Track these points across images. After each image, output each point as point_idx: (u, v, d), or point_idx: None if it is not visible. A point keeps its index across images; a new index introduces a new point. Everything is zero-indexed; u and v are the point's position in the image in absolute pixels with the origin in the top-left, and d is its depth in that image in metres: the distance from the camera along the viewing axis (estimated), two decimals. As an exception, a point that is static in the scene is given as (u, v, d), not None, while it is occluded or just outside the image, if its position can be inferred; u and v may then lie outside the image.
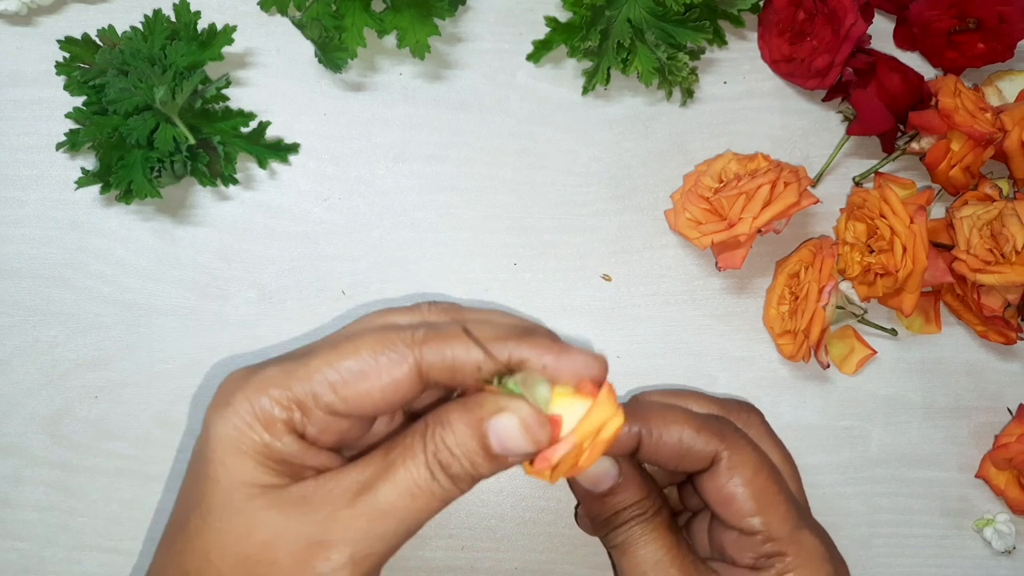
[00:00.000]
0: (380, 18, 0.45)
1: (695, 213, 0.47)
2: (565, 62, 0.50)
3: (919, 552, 0.49)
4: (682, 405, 0.37)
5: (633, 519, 0.35)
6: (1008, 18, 0.46)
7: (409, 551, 0.48)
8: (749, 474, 0.35)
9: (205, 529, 0.29)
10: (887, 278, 0.46)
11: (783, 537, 0.34)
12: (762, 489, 0.35)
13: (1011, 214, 0.44)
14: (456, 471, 0.29)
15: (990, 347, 0.50)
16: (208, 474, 0.29)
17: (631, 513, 0.35)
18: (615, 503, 0.35)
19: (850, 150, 0.50)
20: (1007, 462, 0.47)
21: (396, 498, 0.28)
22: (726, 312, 0.49)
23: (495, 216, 0.49)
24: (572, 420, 0.30)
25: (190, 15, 0.45)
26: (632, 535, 0.35)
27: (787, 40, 0.48)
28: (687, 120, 0.50)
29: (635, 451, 0.36)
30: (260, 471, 0.29)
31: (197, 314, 0.48)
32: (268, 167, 0.48)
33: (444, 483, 0.29)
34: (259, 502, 0.29)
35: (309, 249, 0.49)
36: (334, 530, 0.28)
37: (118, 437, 0.48)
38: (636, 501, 0.35)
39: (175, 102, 0.44)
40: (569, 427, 0.30)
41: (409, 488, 0.29)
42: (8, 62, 0.48)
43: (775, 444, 0.38)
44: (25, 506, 0.48)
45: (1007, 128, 0.45)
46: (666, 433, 0.35)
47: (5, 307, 0.48)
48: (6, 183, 0.48)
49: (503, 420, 0.29)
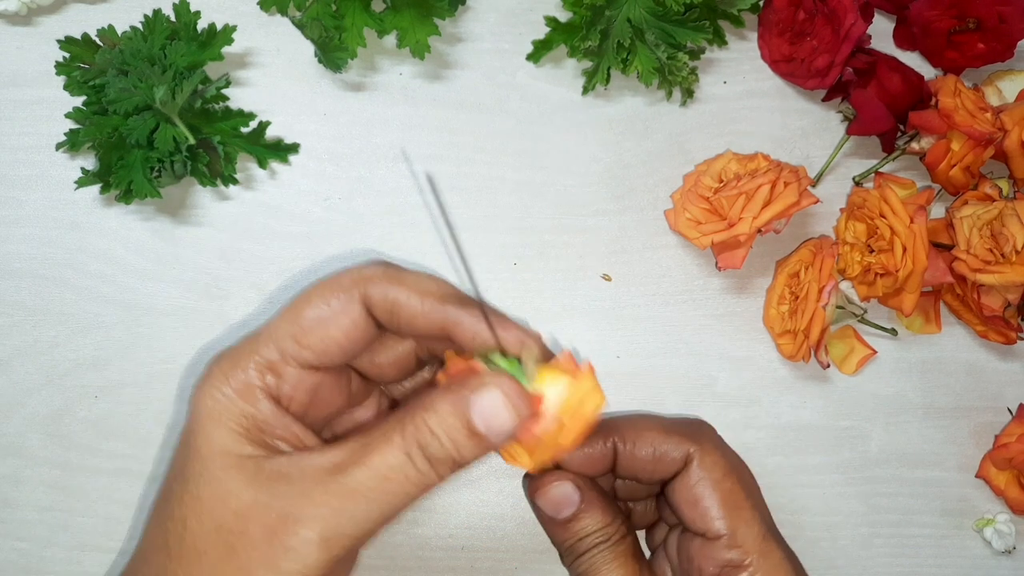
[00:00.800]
0: (380, 18, 0.45)
1: (695, 213, 0.47)
2: (565, 62, 0.50)
3: (919, 552, 0.49)
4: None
5: (597, 546, 0.35)
6: (1008, 18, 0.46)
7: (409, 551, 0.48)
8: (718, 476, 0.35)
9: (185, 496, 0.30)
10: (887, 278, 0.46)
11: (748, 545, 0.34)
12: (730, 492, 0.35)
13: (1011, 214, 0.44)
14: (437, 452, 0.29)
15: (990, 347, 0.50)
16: (189, 444, 0.30)
17: (594, 540, 0.35)
18: (578, 529, 0.35)
19: (850, 150, 0.50)
20: (1007, 462, 0.47)
21: (368, 479, 0.29)
22: (726, 312, 0.49)
23: (495, 216, 0.49)
24: (554, 397, 0.30)
25: (190, 15, 0.45)
26: (595, 563, 0.35)
27: (787, 40, 0.48)
28: (687, 120, 0.50)
29: (613, 467, 0.36)
30: (237, 441, 0.30)
31: (197, 314, 0.48)
32: (268, 167, 0.48)
33: (421, 466, 0.29)
34: (235, 472, 0.29)
35: (309, 249, 0.49)
36: (305, 506, 0.29)
37: (118, 437, 0.48)
38: (599, 528, 0.35)
39: (175, 102, 0.44)
40: (551, 404, 0.30)
41: (382, 470, 0.29)
42: (8, 62, 0.48)
43: (734, 454, 0.38)
44: (25, 506, 0.48)
45: (1007, 128, 0.45)
46: (639, 441, 0.35)
47: (5, 307, 0.48)
48: (6, 183, 0.48)
49: (486, 395, 0.29)
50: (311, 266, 0.49)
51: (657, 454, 0.35)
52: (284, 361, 0.31)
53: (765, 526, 0.35)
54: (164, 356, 0.48)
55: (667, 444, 0.35)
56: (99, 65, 0.44)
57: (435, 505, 0.48)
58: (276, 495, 0.29)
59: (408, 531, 0.48)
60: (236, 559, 0.29)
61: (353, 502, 0.29)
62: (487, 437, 0.30)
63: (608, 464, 0.36)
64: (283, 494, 0.29)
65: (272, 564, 0.28)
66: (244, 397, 0.31)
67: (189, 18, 0.45)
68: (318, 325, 0.31)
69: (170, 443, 0.48)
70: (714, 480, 0.35)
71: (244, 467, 0.30)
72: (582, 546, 0.35)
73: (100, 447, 0.48)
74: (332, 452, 0.30)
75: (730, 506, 0.34)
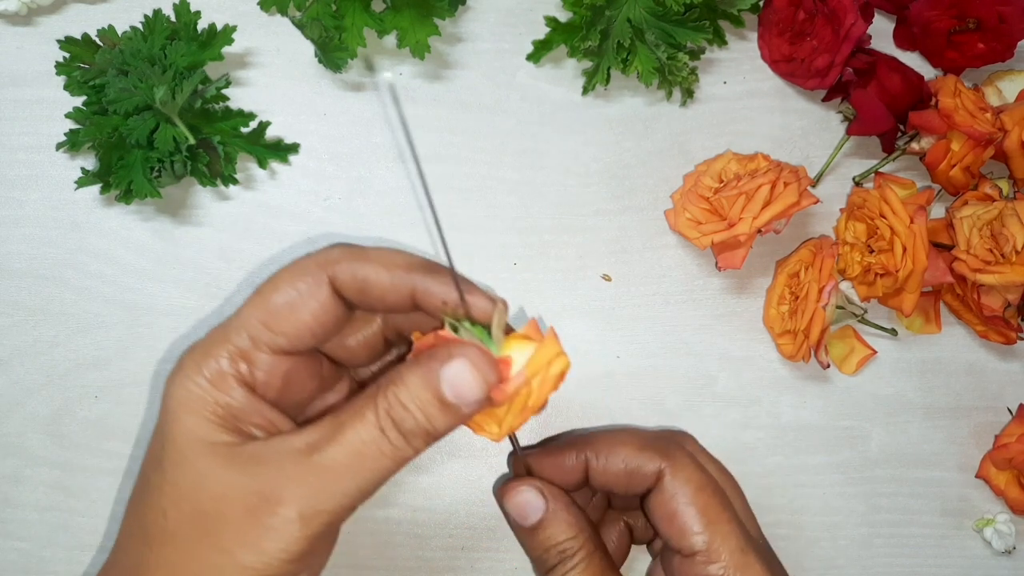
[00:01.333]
0: (380, 18, 0.45)
1: (695, 213, 0.47)
2: (565, 62, 0.50)
3: (919, 552, 0.49)
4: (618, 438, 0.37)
5: (566, 560, 0.35)
6: (1008, 18, 0.46)
7: (409, 551, 0.48)
8: (691, 490, 0.35)
9: (162, 484, 0.30)
10: (887, 278, 0.46)
11: (725, 559, 0.34)
12: (705, 506, 0.34)
13: (1011, 214, 0.44)
14: (410, 426, 0.30)
15: (990, 347, 0.50)
16: (165, 433, 0.31)
17: (563, 551, 0.35)
18: (544, 538, 0.35)
19: (850, 150, 0.50)
20: (1007, 462, 0.48)
21: (343, 456, 0.29)
22: (726, 312, 0.49)
23: (495, 216, 0.49)
24: (522, 360, 0.31)
25: (190, 15, 0.45)
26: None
27: (787, 40, 0.48)
28: (687, 120, 0.50)
29: (584, 480, 0.36)
30: (213, 429, 0.30)
31: (197, 314, 0.48)
32: (268, 167, 0.48)
33: (396, 440, 0.30)
34: (211, 459, 0.30)
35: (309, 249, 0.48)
36: (283, 486, 0.29)
37: (118, 437, 0.48)
38: (565, 539, 0.35)
39: (175, 102, 0.44)
40: (518, 368, 0.31)
41: (356, 446, 0.29)
42: (8, 62, 0.48)
43: (716, 465, 0.38)
44: (25, 506, 0.48)
45: (1007, 128, 0.45)
46: (611, 455, 0.35)
47: (5, 307, 0.48)
48: (6, 183, 0.48)
49: (454, 365, 0.30)
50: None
51: (629, 468, 0.35)
52: (255, 348, 0.31)
53: (744, 539, 0.34)
54: (164, 356, 0.48)
55: (639, 459, 0.35)
56: (99, 65, 0.44)
57: (435, 505, 0.48)
58: (254, 477, 0.29)
59: (408, 531, 0.48)
60: (217, 542, 0.29)
61: (330, 479, 0.29)
62: (458, 406, 0.30)
63: (580, 476, 0.36)
64: (261, 476, 0.29)
65: (253, 544, 0.29)
66: (217, 386, 0.31)
67: (189, 18, 0.45)
68: (287, 309, 0.31)
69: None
70: (688, 494, 0.34)
71: (220, 453, 0.30)
72: (551, 558, 0.35)
73: (100, 447, 0.48)
74: (306, 433, 0.30)
75: (706, 521, 0.34)
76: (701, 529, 0.34)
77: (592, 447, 0.36)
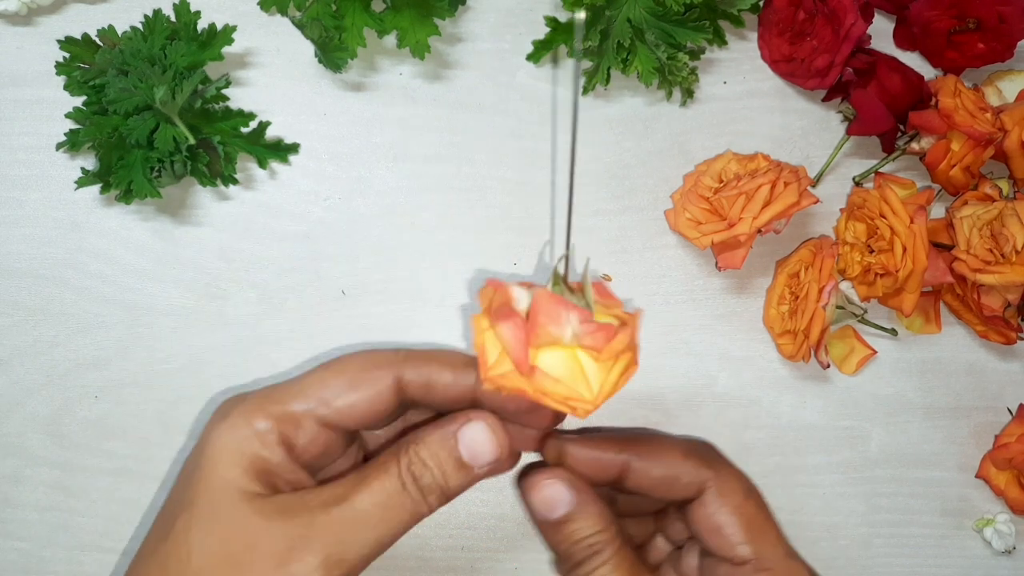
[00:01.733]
0: (380, 18, 0.45)
1: (695, 213, 0.47)
2: (565, 62, 0.50)
3: (919, 552, 0.49)
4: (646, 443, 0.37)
5: (593, 556, 0.34)
6: (1008, 18, 0.46)
7: (409, 551, 0.48)
8: (738, 501, 0.34)
9: (189, 527, 0.31)
10: (887, 278, 0.46)
11: (775, 566, 0.34)
12: (752, 517, 0.34)
13: (1011, 214, 0.44)
14: (427, 481, 0.32)
15: (990, 347, 0.50)
16: (200, 479, 0.32)
17: (590, 546, 0.35)
18: (570, 531, 0.35)
19: (850, 150, 0.50)
20: (1007, 462, 0.48)
21: (369, 507, 0.31)
22: (726, 312, 0.49)
23: (495, 216, 0.49)
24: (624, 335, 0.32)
25: (190, 15, 0.45)
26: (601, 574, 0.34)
27: (787, 40, 0.48)
28: (687, 120, 0.50)
29: (621, 480, 0.36)
30: (248, 480, 0.32)
31: (197, 314, 0.48)
32: (268, 167, 0.48)
33: (415, 495, 0.32)
34: (244, 508, 0.31)
35: (309, 249, 0.49)
36: (310, 535, 0.30)
37: (118, 437, 0.48)
38: (593, 532, 0.35)
39: (175, 102, 0.44)
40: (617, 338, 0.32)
41: (381, 497, 0.31)
42: (8, 62, 0.48)
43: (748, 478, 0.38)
44: (25, 506, 0.48)
45: (1007, 128, 0.45)
46: (655, 461, 0.35)
47: (5, 307, 0.48)
48: (6, 183, 0.48)
49: (472, 427, 0.32)
50: (311, 266, 0.49)
51: (672, 475, 0.35)
52: (306, 417, 0.33)
53: (789, 545, 0.35)
54: (164, 356, 0.48)
55: (684, 467, 0.35)
56: (99, 65, 0.44)
57: (435, 505, 0.48)
58: (283, 526, 0.31)
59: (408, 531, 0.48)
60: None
61: (354, 529, 0.31)
62: (472, 468, 0.32)
63: (614, 475, 0.36)
64: (289, 525, 0.31)
65: None
66: (262, 441, 0.32)
67: (189, 18, 0.45)
68: (350, 390, 0.33)
69: (169, 443, 0.48)
70: (734, 506, 0.34)
71: (253, 503, 0.31)
72: (578, 553, 0.35)
73: (100, 447, 0.48)
74: (332, 486, 0.32)
75: (753, 531, 0.34)
76: (749, 539, 0.34)
77: (636, 448, 0.35)
